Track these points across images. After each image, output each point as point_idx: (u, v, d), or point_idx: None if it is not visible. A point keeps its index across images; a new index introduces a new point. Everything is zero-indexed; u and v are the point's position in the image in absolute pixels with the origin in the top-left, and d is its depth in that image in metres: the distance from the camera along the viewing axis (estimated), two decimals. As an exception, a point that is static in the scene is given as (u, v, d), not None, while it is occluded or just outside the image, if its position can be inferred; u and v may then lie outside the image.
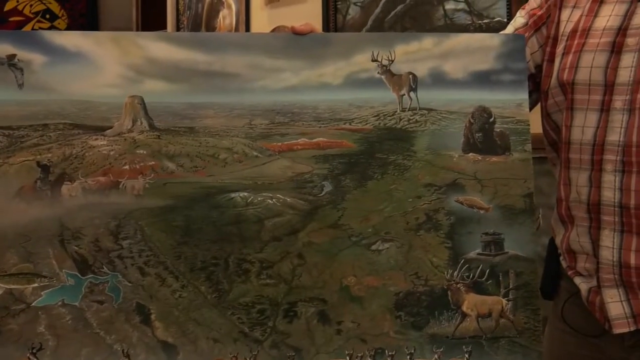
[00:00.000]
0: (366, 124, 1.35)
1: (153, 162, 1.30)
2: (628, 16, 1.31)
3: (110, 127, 1.30)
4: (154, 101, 1.30)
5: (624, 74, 1.29)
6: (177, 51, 1.31)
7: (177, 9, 4.05)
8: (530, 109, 1.42)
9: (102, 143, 1.30)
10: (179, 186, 1.30)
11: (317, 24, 3.18)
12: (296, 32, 1.34)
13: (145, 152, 1.31)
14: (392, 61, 1.34)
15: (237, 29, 3.65)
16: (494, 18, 2.55)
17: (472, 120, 1.36)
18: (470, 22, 2.64)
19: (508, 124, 1.36)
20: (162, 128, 1.31)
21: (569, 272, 1.40)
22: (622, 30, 1.31)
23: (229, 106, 1.32)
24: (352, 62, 1.34)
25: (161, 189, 1.30)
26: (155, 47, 1.31)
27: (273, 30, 3.35)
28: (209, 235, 1.30)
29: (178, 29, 4.04)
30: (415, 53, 1.36)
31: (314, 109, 1.34)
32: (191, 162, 1.31)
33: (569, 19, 1.41)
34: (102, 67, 1.30)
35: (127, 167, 1.30)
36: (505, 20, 2.44)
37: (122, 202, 1.29)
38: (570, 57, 1.36)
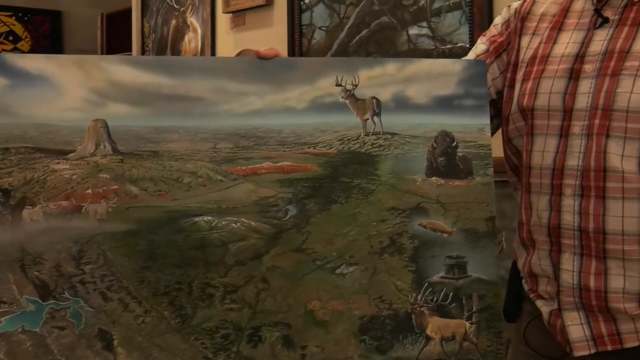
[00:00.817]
0: (330, 148, 1.36)
1: (116, 186, 1.29)
2: (585, 43, 1.34)
3: (73, 151, 1.29)
4: (117, 125, 1.30)
5: (582, 100, 1.31)
6: (141, 75, 1.31)
7: (142, 32, 4.04)
8: (492, 133, 1.44)
9: (64, 167, 1.29)
10: (143, 210, 1.30)
11: (282, 47, 3.21)
12: (261, 57, 1.35)
13: (108, 176, 1.29)
14: (356, 86, 1.36)
15: (202, 53, 3.66)
16: (456, 43, 2.59)
17: (435, 145, 1.37)
18: (433, 47, 2.67)
19: (470, 148, 1.38)
20: (125, 152, 1.30)
21: (531, 295, 1.41)
22: (579, 57, 1.34)
23: (193, 130, 1.32)
24: (317, 86, 1.35)
25: (124, 213, 1.29)
26: (119, 70, 1.30)
27: (238, 54, 3.36)
28: (172, 259, 1.29)
29: (143, 51, 4.03)
30: (379, 78, 1.37)
31: (278, 133, 1.34)
32: (155, 186, 1.31)
33: (528, 45, 1.44)
34: (65, 90, 1.29)
35: (89, 191, 1.29)
36: (468, 45, 2.48)
37: (85, 227, 1.28)
38: (529, 83, 1.39)
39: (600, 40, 1.32)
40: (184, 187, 1.31)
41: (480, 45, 1.54)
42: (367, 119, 1.37)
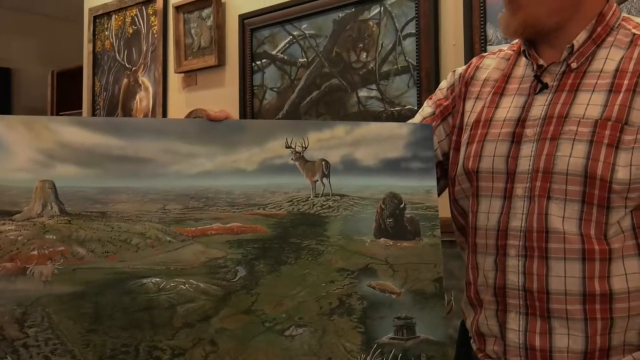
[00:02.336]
0: (280, 209, 1.37)
1: (63, 248, 1.28)
2: (526, 108, 1.39)
3: (20, 212, 1.28)
4: (65, 186, 1.29)
5: (524, 163, 1.35)
6: (91, 136, 1.31)
7: (93, 90, 4.04)
8: (439, 194, 1.47)
9: (9, 228, 1.27)
10: (89, 272, 1.28)
11: (234, 107, 3.23)
12: (211, 119, 1.36)
13: (54, 237, 1.28)
14: (306, 148, 1.38)
15: (153, 111, 3.66)
16: (405, 106, 2.65)
17: (383, 206, 1.39)
18: (382, 109, 2.72)
19: (418, 209, 1.40)
20: (73, 213, 1.29)
21: (479, 355, 1.42)
22: (521, 122, 1.38)
23: (142, 191, 1.32)
24: (267, 148, 1.37)
25: (70, 274, 1.27)
26: (68, 131, 1.30)
27: (189, 114, 3.37)
28: (119, 322, 1.27)
29: (94, 110, 4.02)
30: (328, 140, 1.39)
31: (228, 194, 1.35)
32: (102, 247, 1.29)
33: (472, 109, 1.48)
34: (12, 151, 1.28)
35: (35, 252, 1.27)
36: (415, 108, 2.53)
37: (29, 289, 1.26)
38: (474, 146, 1.43)
39: (540, 105, 1.37)
40: (132, 248, 1.30)
41: (427, 108, 1.58)
42: (317, 181, 1.38)
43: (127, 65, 3.83)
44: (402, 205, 1.40)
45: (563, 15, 1.36)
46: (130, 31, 3.82)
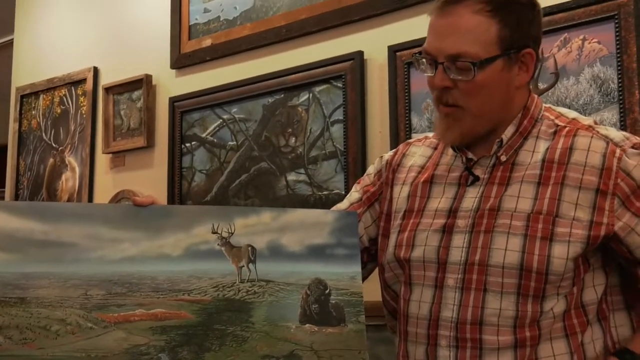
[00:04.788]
0: (205, 295, 1.36)
1: (-22, 335, 1.24)
2: (457, 199, 1.42)
3: None
4: (-16, 271, 1.26)
5: (455, 254, 1.37)
6: (12, 220, 1.29)
7: (17, 169, 3.96)
8: (364, 279, 1.48)
9: None
10: (6, 360, 1.24)
11: (162, 189, 3.21)
12: (137, 204, 1.36)
13: (-30, 324, 1.24)
14: (232, 234, 1.38)
15: (79, 192, 3.61)
16: (332, 190, 2.68)
17: (308, 292, 1.40)
18: (310, 193, 2.75)
19: (343, 295, 1.41)
20: (-10, 298, 1.26)
21: None
22: (452, 212, 1.41)
23: (64, 276, 1.30)
24: (193, 233, 1.37)
25: (-15, 363, 1.23)
26: (-10, 215, 1.28)
27: (117, 194, 3.33)
28: (35, 413, 1.23)
29: (17, 189, 3.93)
30: (255, 226, 1.40)
31: (152, 280, 1.33)
32: (20, 334, 1.26)
33: (399, 195, 1.51)
34: None
35: (-52, 340, 1.23)
36: (343, 192, 2.57)
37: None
38: (406, 234, 1.45)
39: (471, 197, 1.40)
40: (51, 335, 1.27)
41: (354, 194, 1.60)
42: (243, 266, 1.38)
43: (54, 145, 3.78)
44: (327, 291, 1.41)
45: (496, 120, 1.40)
46: (59, 111, 3.80)
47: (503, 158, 1.40)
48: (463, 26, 1.33)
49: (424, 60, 1.39)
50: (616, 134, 1.37)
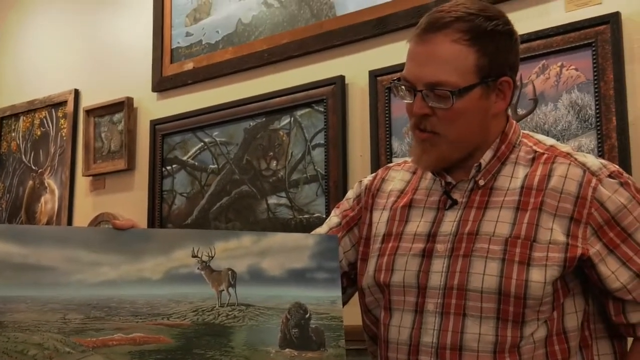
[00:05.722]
0: (184, 319, 1.35)
1: (-47, 360, 1.22)
2: (436, 223, 1.42)
3: None
4: (-40, 295, 1.24)
5: (435, 278, 1.37)
6: (-9, 243, 1.28)
7: (-4, 192, 3.94)
8: (344, 303, 1.48)
9: None
10: (-19, 385, 1.22)
11: (142, 212, 3.20)
12: (117, 228, 1.35)
13: (-55, 348, 1.23)
14: (212, 257, 1.38)
15: (59, 215, 3.58)
16: (313, 214, 2.69)
17: (288, 316, 1.40)
18: (291, 217, 2.76)
19: (323, 320, 1.41)
20: (-33, 323, 1.24)
21: None
22: (431, 237, 1.41)
23: (42, 300, 1.28)
24: (173, 257, 1.36)
25: (-40, 388, 1.21)
26: (-33, 238, 1.27)
27: (97, 217, 3.31)
28: None
29: (-5, 211, 3.90)
30: (235, 250, 1.40)
31: (131, 304, 1.32)
32: (-4, 359, 1.24)
33: (379, 220, 1.51)
34: None
35: None
36: (324, 216, 2.57)
37: None
38: (385, 259, 1.45)
39: (450, 221, 1.40)
40: (28, 359, 1.25)
41: (334, 218, 1.60)
42: (222, 290, 1.38)
43: (34, 168, 3.76)
44: (307, 316, 1.40)
45: (473, 146, 1.41)
46: (39, 133, 3.78)
47: (481, 182, 1.41)
48: (442, 55, 1.34)
49: (402, 87, 1.40)
50: (594, 162, 1.38)
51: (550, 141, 1.46)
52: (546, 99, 2.19)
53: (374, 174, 1.63)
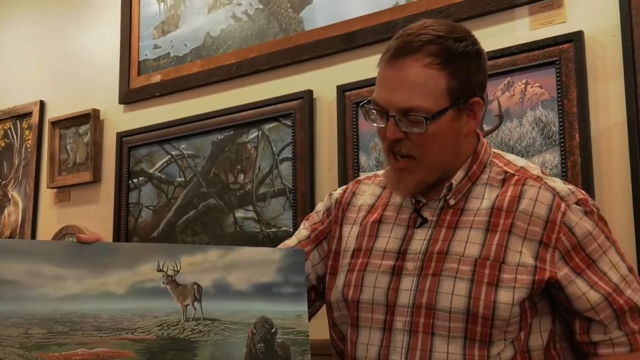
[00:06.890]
0: (149, 333, 1.34)
1: None
2: (406, 241, 1.42)
3: None
4: None
5: (404, 296, 1.37)
6: (-49, 257, 1.26)
7: (-41, 203, 3.87)
8: (311, 317, 1.48)
9: None
10: (-61, 402, 1.20)
11: (108, 224, 3.17)
12: (81, 242, 1.34)
13: None
14: (178, 271, 1.37)
15: (22, 227, 3.54)
16: (280, 227, 2.69)
17: (254, 331, 1.39)
18: (259, 230, 2.75)
19: (289, 334, 1.41)
20: None
21: None
22: (401, 254, 1.41)
23: (4, 314, 1.26)
24: (137, 271, 1.35)
25: None
26: None
27: (61, 230, 3.27)
28: None
29: (-43, 223, 3.84)
30: (201, 264, 1.39)
31: (95, 318, 1.31)
32: (-44, 375, 1.22)
33: (349, 234, 1.51)
34: None
35: None
36: (291, 229, 2.57)
37: None
38: (354, 275, 1.45)
39: (420, 239, 1.41)
40: (-11, 375, 1.24)
41: (303, 231, 1.60)
42: (188, 305, 1.37)
43: (-3, 179, 3.72)
44: (273, 330, 1.40)
45: (446, 167, 1.42)
46: (3, 144, 3.73)
47: (452, 202, 1.41)
48: (413, 80, 1.34)
49: (374, 111, 1.40)
50: (562, 187, 1.40)
51: (521, 162, 1.48)
52: (511, 116, 2.22)
53: (344, 187, 1.63)
